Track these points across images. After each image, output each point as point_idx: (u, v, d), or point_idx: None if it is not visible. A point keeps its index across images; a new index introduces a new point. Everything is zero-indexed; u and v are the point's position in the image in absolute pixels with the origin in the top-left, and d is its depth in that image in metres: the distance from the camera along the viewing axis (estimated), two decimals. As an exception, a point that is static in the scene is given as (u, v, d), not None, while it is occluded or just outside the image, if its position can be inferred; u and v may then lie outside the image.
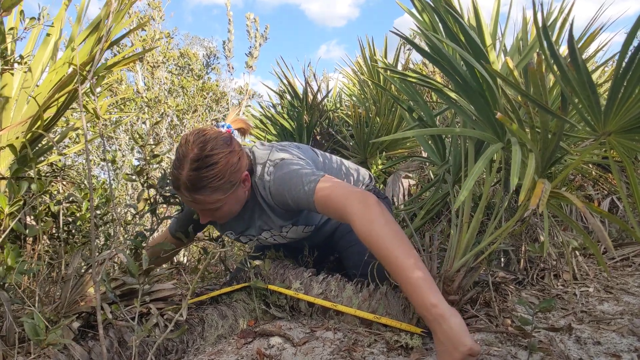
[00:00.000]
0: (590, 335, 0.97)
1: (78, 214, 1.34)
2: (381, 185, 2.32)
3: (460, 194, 0.79)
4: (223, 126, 1.29)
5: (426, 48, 0.99)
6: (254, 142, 1.54)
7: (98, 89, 1.53)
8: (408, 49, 3.71)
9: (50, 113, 1.35)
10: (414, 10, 1.13)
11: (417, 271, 0.91)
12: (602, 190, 1.94)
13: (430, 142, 1.26)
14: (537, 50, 0.96)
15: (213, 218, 1.24)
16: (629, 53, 0.69)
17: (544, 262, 1.39)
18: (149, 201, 1.20)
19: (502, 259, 1.40)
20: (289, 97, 2.92)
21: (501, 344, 0.95)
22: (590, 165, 1.76)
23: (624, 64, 0.70)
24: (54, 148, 1.61)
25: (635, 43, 0.69)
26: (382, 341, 1.03)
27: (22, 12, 1.28)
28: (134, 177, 1.18)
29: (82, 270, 1.10)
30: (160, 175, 1.23)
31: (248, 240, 1.44)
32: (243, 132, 1.43)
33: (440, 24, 1.04)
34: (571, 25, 0.72)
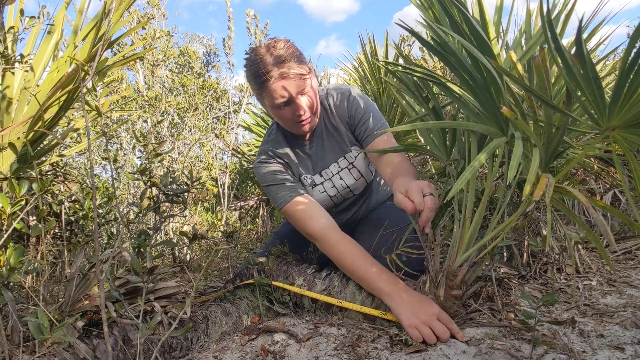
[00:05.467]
0: (593, 328, 0.97)
1: (80, 213, 1.34)
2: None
3: (456, 183, 0.78)
4: None
5: (430, 42, 0.99)
6: None
7: (99, 86, 1.53)
8: (408, 45, 3.70)
9: (51, 113, 1.35)
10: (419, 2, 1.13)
11: None
12: (604, 184, 1.94)
13: (432, 136, 1.25)
14: (542, 44, 0.95)
15: (305, 109, 1.27)
16: (635, 48, 0.68)
17: (547, 256, 1.39)
18: (152, 200, 1.20)
19: (505, 254, 1.40)
20: (289, 94, 2.91)
21: (505, 338, 0.95)
22: (592, 159, 1.75)
23: (629, 59, 0.69)
24: (56, 147, 1.61)
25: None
26: (385, 336, 1.03)
27: (22, 10, 1.27)
28: (136, 175, 1.19)
29: (86, 269, 1.10)
30: (163, 173, 1.23)
31: (323, 181, 1.49)
32: None
33: (445, 16, 1.04)
34: (580, 20, 0.71)
